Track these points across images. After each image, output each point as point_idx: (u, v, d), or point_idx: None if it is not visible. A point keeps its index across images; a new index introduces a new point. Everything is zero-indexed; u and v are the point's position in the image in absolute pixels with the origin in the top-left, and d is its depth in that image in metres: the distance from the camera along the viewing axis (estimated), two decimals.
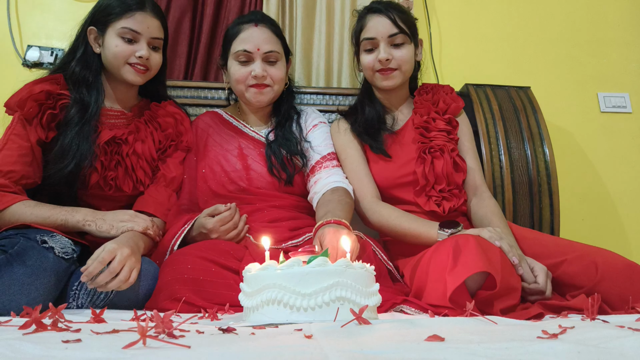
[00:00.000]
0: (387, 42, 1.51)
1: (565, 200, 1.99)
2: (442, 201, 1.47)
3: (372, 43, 1.52)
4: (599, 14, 2.40)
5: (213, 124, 1.63)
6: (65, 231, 1.25)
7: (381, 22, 1.51)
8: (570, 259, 1.22)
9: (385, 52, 1.50)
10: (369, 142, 1.55)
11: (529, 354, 0.56)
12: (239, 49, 1.51)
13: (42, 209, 1.26)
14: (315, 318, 0.85)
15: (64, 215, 1.26)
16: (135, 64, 1.41)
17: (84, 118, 1.36)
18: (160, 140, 1.51)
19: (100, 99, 1.41)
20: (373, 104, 1.62)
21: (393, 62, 1.51)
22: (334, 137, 1.62)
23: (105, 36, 1.41)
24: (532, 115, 1.92)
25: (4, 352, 0.55)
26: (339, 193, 1.40)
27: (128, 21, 1.40)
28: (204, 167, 1.54)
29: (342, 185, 1.45)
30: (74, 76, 1.41)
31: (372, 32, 1.52)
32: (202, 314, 1.02)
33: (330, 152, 1.57)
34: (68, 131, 1.34)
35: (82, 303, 1.17)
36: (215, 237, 1.35)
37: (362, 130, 1.57)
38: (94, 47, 1.43)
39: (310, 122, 1.64)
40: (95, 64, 1.43)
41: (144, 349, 0.59)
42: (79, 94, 1.39)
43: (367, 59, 1.54)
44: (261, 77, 1.50)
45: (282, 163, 1.51)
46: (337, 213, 1.26)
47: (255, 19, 1.55)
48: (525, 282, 1.17)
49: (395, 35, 1.50)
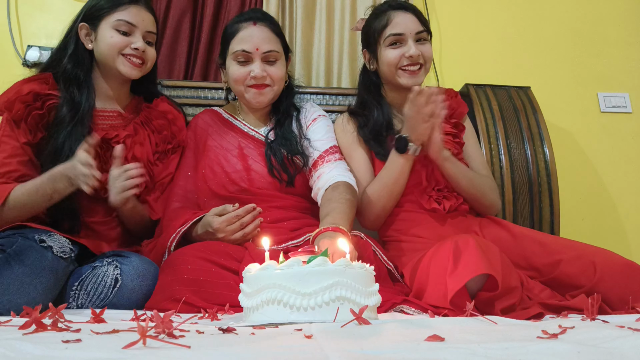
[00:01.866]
0: (414, 39, 1.51)
1: (565, 200, 1.99)
2: (442, 200, 1.47)
3: (399, 39, 1.52)
4: (599, 14, 2.40)
5: (212, 123, 1.61)
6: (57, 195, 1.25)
7: (409, 19, 1.52)
8: (568, 258, 1.22)
9: (415, 48, 1.50)
10: (376, 149, 1.54)
11: (529, 354, 0.56)
12: (238, 49, 1.49)
13: (29, 184, 1.26)
14: (315, 318, 0.84)
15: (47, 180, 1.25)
16: (130, 55, 1.40)
17: (76, 118, 1.35)
18: (158, 142, 1.49)
19: (92, 97, 1.40)
20: (381, 106, 1.59)
21: (420, 58, 1.52)
22: (338, 134, 1.61)
23: (99, 29, 1.40)
24: (532, 115, 1.92)
25: (4, 352, 0.55)
26: (340, 190, 1.38)
27: (123, 13, 1.39)
28: (204, 167, 1.52)
29: (344, 179, 1.43)
30: (66, 74, 1.39)
31: (400, 27, 1.51)
32: (202, 314, 1.02)
33: (332, 145, 1.54)
34: (60, 132, 1.33)
35: (82, 303, 1.17)
36: (221, 236, 1.33)
37: (370, 137, 1.56)
38: (86, 44, 1.42)
39: (309, 117, 1.61)
40: (86, 61, 1.42)
41: (144, 349, 0.59)
42: (69, 93, 1.37)
43: (392, 54, 1.52)
44: (261, 77, 1.48)
45: (283, 164, 1.49)
46: (335, 217, 1.25)
47: (254, 17, 1.52)
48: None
49: (422, 32, 1.52)
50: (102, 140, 1.37)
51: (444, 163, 1.45)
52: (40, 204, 1.26)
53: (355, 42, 2.15)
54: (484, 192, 1.51)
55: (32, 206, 1.26)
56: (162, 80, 1.92)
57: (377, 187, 1.47)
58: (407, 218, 1.50)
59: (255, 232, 1.38)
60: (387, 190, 1.46)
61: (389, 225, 1.52)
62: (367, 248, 1.29)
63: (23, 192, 1.25)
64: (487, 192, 1.52)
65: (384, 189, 1.46)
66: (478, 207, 1.53)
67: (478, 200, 1.51)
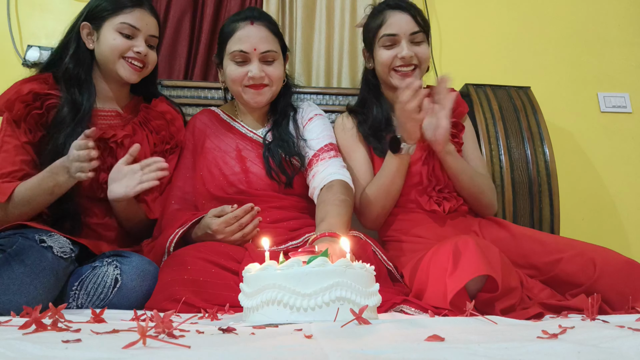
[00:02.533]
0: (408, 40, 1.50)
1: (565, 200, 1.99)
2: (442, 201, 1.47)
3: (393, 39, 1.51)
4: (599, 14, 2.40)
5: (210, 124, 1.60)
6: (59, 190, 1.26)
7: (404, 19, 1.51)
8: (568, 256, 1.22)
9: (408, 49, 1.49)
10: (374, 145, 1.54)
11: (529, 354, 0.56)
12: (235, 49, 1.47)
13: (31, 180, 1.27)
14: (315, 318, 0.84)
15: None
16: (132, 58, 1.40)
17: (76, 118, 1.35)
18: (156, 143, 1.49)
19: (92, 98, 1.39)
20: (380, 104, 1.60)
21: (414, 59, 1.51)
22: (337, 134, 1.61)
23: (102, 31, 1.39)
24: (532, 115, 1.92)
25: (4, 352, 0.55)
26: (334, 190, 1.37)
27: (127, 17, 1.39)
28: (202, 169, 1.51)
29: (339, 177, 1.42)
30: (67, 74, 1.39)
31: (394, 28, 1.50)
32: (202, 314, 1.02)
33: (328, 143, 1.52)
34: (60, 132, 1.33)
35: (82, 303, 1.17)
36: (221, 238, 1.33)
37: (369, 132, 1.56)
38: (87, 43, 1.42)
39: (306, 116, 1.60)
40: (87, 61, 1.42)
41: (144, 349, 0.59)
42: (70, 94, 1.37)
43: (385, 55, 1.52)
44: (259, 78, 1.47)
45: (281, 165, 1.48)
46: (330, 222, 1.24)
47: (251, 16, 1.50)
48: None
49: (416, 33, 1.51)
50: (99, 139, 1.37)
51: (447, 156, 1.45)
52: (43, 200, 1.27)
53: (355, 42, 2.15)
54: (483, 191, 1.51)
55: (36, 202, 1.26)
56: (162, 80, 1.92)
57: (374, 188, 1.47)
58: (407, 218, 1.50)
59: (255, 233, 1.38)
60: (384, 190, 1.45)
61: (389, 225, 1.53)
62: (367, 248, 1.29)
63: (26, 187, 1.26)
64: (486, 191, 1.52)
65: (381, 188, 1.46)
66: (477, 206, 1.53)
67: (477, 198, 1.51)
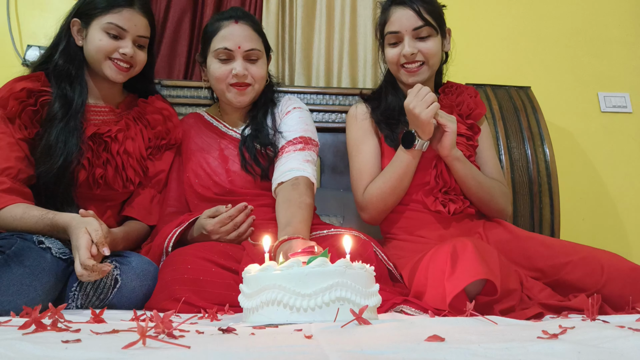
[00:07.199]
0: (412, 36, 1.45)
1: (565, 200, 1.99)
2: (447, 202, 1.44)
3: (396, 37, 1.47)
4: (599, 14, 2.40)
5: (195, 126, 1.60)
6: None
7: (405, 15, 1.45)
8: (575, 260, 1.21)
9: (410, 46, 1.44)
10: (386, 132, 1.50)
11: (529, 354, 0.56)
12: (219, 46, 1.47)
13: (27, 216, 1.21)
14: (315, 318, 0.84)
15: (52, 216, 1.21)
16: (118, 59, 1.38)
17: (69, 113, 1.34)
18: (150, 138, 1.48)
19: (84, 92, 1.39)
20: (396, 93, 1.56)
21: (419, 56, 1.46)
22: (349, 125, 1.57)
23: (89, 29, 1.38)
24: (532, 115, 1.92)
25: (4, 352, 0.55)
26: (300, 191, 1.35)
27: (114, 17, 1.37)
28: (189, 171, 1.52)
29: (304, 174, 1.40)
30: (57, 69, 1.38)
31: (395, 25, 1.46)
32: (202, 314, 1.02)
33: (299, 136, 1.49)
34: (53, 127, 1.32)
35: (82, 304, 1.16)
36: (216, 238, 1.33)
37: (381, 118, 1.52)
38: (77, 40, 1.41)
39: (284, 109, 1.58)
40: (78, 57, 1.41)
41: (144, 349, 0.59)
42: (60, 89, 1.36)
43: (391, 53, 1.49)
44: (242, 75, 1.47)
45: (255, 158, 1.47)
46: (297, 227, 1.23)
47: (235, 15, 1.50)
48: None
49: (420, 28, 1.45)
50: (94, 135, 1.38)
51: (454, 162, 1.41)
52: (34, 231, 1.21)
53: (355, 42, 2.16)
54: (493, 197, 1.46)
55: (21, 229, 1.21)
56: (162, 80, 1.92)
57: (380, 184, 1.44)
58: (412, 217, 1.48)
59: (250, 232, 1.38)
60: (390, 186, 1.43)
61: (393, 222, 1.50)
62: (368, 248, 1.29)
63: (18, 217, 1.20)
64: (497, 196, 1.47)
65: (387, 184, 1.43)
66: (487, 210, 1.49)
67: (486, 204, 1.47)
